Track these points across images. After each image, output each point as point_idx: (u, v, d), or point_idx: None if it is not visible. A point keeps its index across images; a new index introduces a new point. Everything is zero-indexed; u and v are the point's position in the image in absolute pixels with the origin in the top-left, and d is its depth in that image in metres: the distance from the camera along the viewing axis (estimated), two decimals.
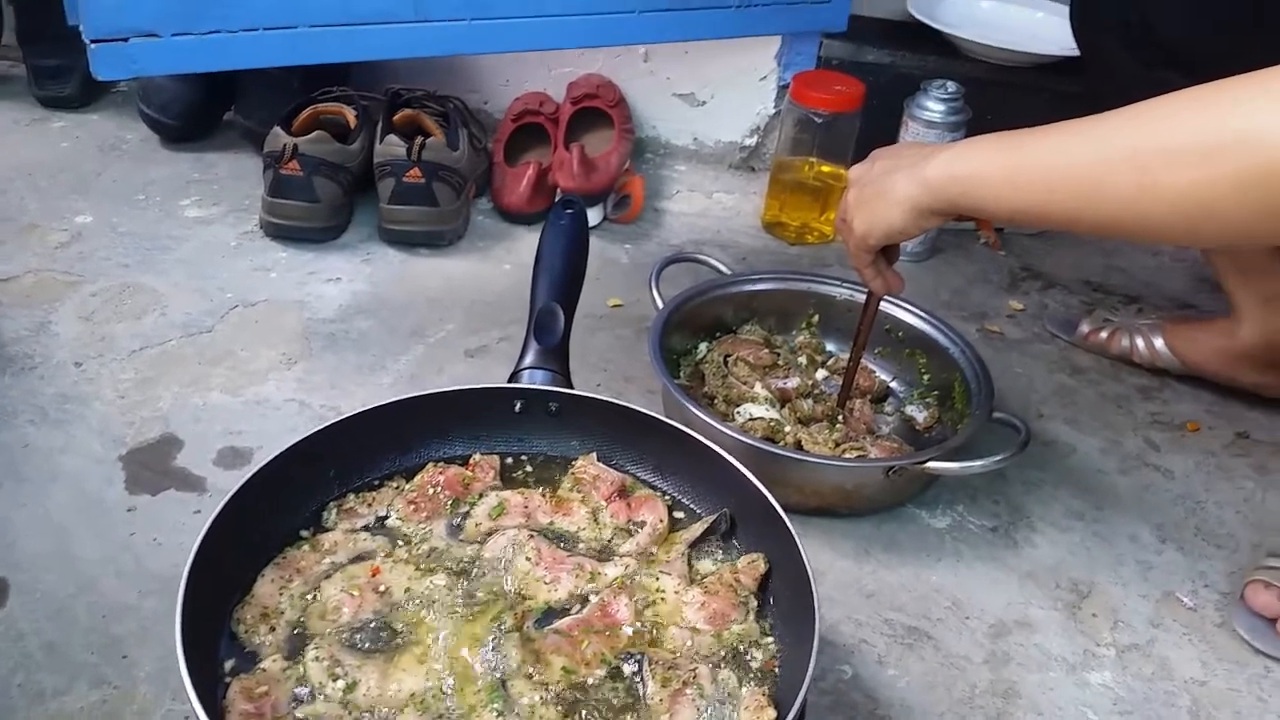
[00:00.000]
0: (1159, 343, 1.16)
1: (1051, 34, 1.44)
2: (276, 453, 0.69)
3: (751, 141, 1.52)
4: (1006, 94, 1.39)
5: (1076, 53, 1.20)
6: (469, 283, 1.23)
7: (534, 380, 0.80)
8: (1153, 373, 1.17)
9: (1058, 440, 1.07)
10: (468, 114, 1.39)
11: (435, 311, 1.17)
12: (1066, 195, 0.66)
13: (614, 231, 1.36)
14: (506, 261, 1.29)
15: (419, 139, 1.24)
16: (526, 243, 1.31)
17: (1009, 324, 1.26)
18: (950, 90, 1.29)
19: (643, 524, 0.72)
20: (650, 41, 1.41)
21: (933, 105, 1.29)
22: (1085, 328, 1.22)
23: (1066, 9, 1.47)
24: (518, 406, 0.78)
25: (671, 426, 0.76)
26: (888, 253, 0.86)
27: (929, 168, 0.74)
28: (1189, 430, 1.10)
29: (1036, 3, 1.53)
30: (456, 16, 1.17)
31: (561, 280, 0.86)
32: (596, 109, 1.45)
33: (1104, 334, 1.20)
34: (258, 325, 1.12)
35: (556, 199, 1.34)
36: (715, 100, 1.50)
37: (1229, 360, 1.12)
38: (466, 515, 0.72)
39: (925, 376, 1.06)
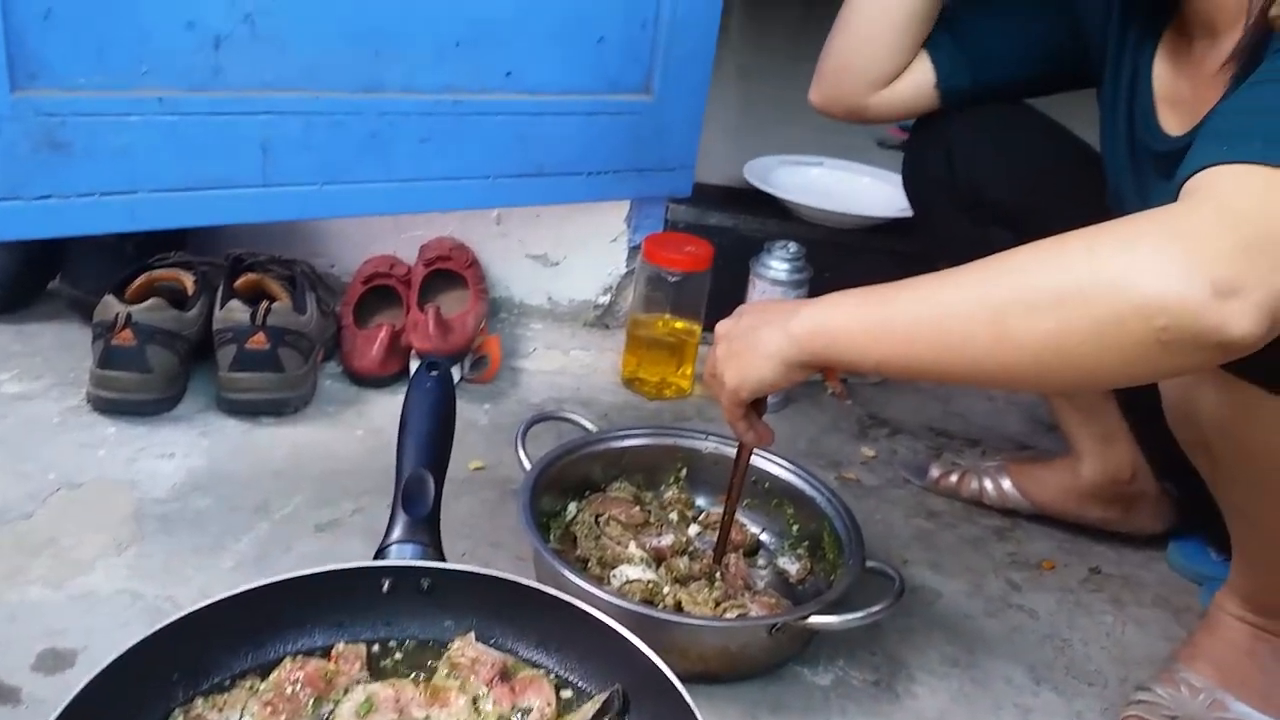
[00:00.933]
0: (1006, 484, 1.21)
1: (878, 198, 1.55)
2: (109, 659, 0.61)
3: (605, 300, 1.54)
4: (843, 253, 1.47)
5: (905, 214, 1.28)
6: (318, 452, 1.17)
7: (404, 555, 0.75)
8: (1004, 513, 1.21)
9: (924, 586, 1.08)
10: (315, 277, 1.36)
11: (281, 484, 1.10)
12: (928, 347, 0.69)
13: (472, 392, 1.33)
14: (358, 427, 1.23)
15: (265, 304, 1.19)
16: (379, 407, 1.27)
17: (863, 470, 1.28)
18: (792, 251, 1.35)
19: (529, 710, 0.67)
20: (503, 205, 1.43)
21: (776, 264, 1.35)
22: (935, 472, 1.26)
23: (891, 175, 1.60)
24: (385, 586, 0.73)
25: (554, 597, 0.72)
26: (757, 405, 0.87)
27: (796, 322, 0.76)
28: (1045, 569, 1.13)
29: (862, 170, 1.65)
30: (307, 181, 1.15)
31: (429, 445, 0.82)
32: (450, 271, 1.44)
33: (954, 477, 1.24)
34: (84, 508, 1.02)
35: (414, 361, 1.31)
36: (568, 261, 1.52)
37: (1073, 498, 1.17)
38: (331, 715, 0.66)
39: (794, 527, 1.06)
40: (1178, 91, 0.92)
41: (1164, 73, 0.94)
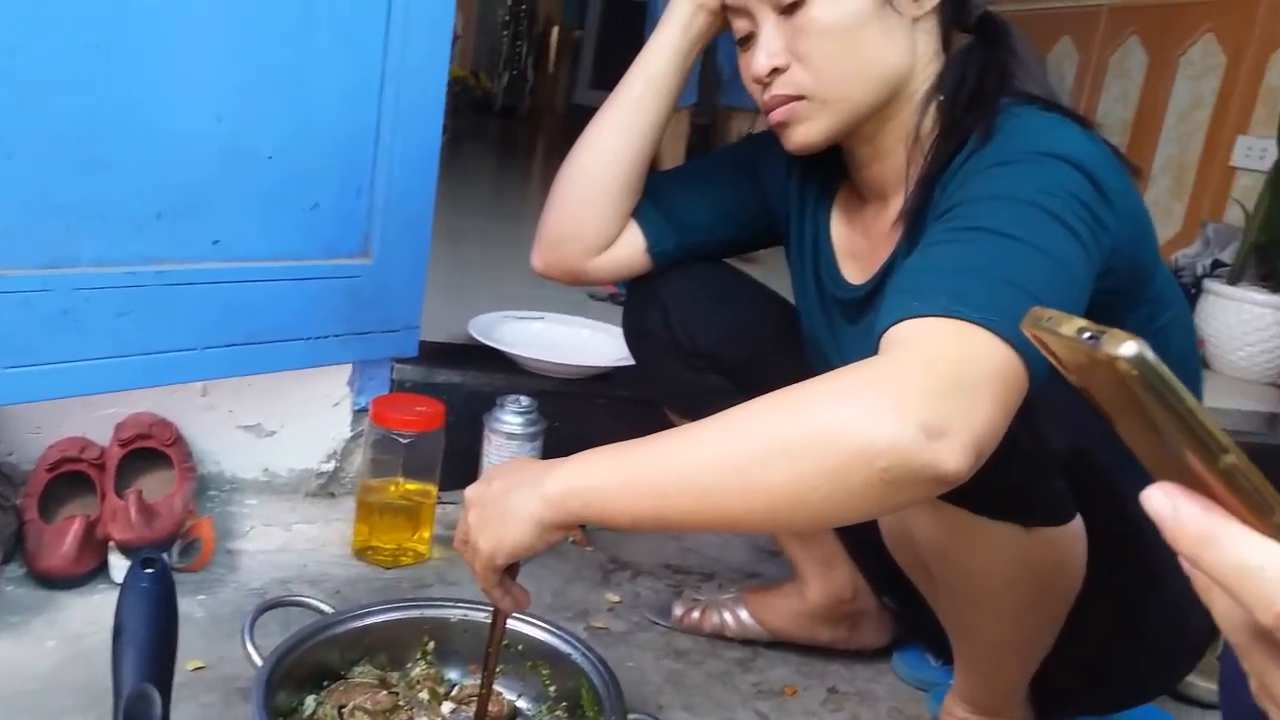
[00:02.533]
0: (744, 614, 1.26)
1: (601, 348, 1.61)
2: None
3: (329, 467, 1.48)
4: (571, 403, 1.51)
5: (627, 362, 1.34)
6: (2, 670, 1.02)
7: None
8: (745, 644, 1.26)
9: None
10: None
11: None
12: (678, 500, 0.72)
13: (184, 582, 1.20)
14: (49, 637, 1.08)
15: None
16: (74, 612, 1.13)
17: (611, 617, 1.29)
18: (524, 404, 1.37)
19: None
20: (211, 378, 1.35)
21: (510, 419, 1.36)
22: (678, 610, 1.29)
23: (607, 326, 1.67)
24: None
25: None
26: (511, 569, 0.86)
27: (549, 484, 0.76)
28: (788, 694, 1.18)
29: (582, 323, 1.71)
30: None
31: (152, 654, 0.75)
32: (151, 449, 1.33)
33: (696, 614, 1.28)
34: None
35: (113, 555, 1.18)
36: (285, 429, 1.45)
37: (804, 621, 1.24)
38: None
39: (551, 687, 1.04)
40: (854, 245, 1.04)
41: (841, 230, 1.06)
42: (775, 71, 0.92)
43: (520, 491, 0.78)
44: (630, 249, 1.11)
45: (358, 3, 1.24)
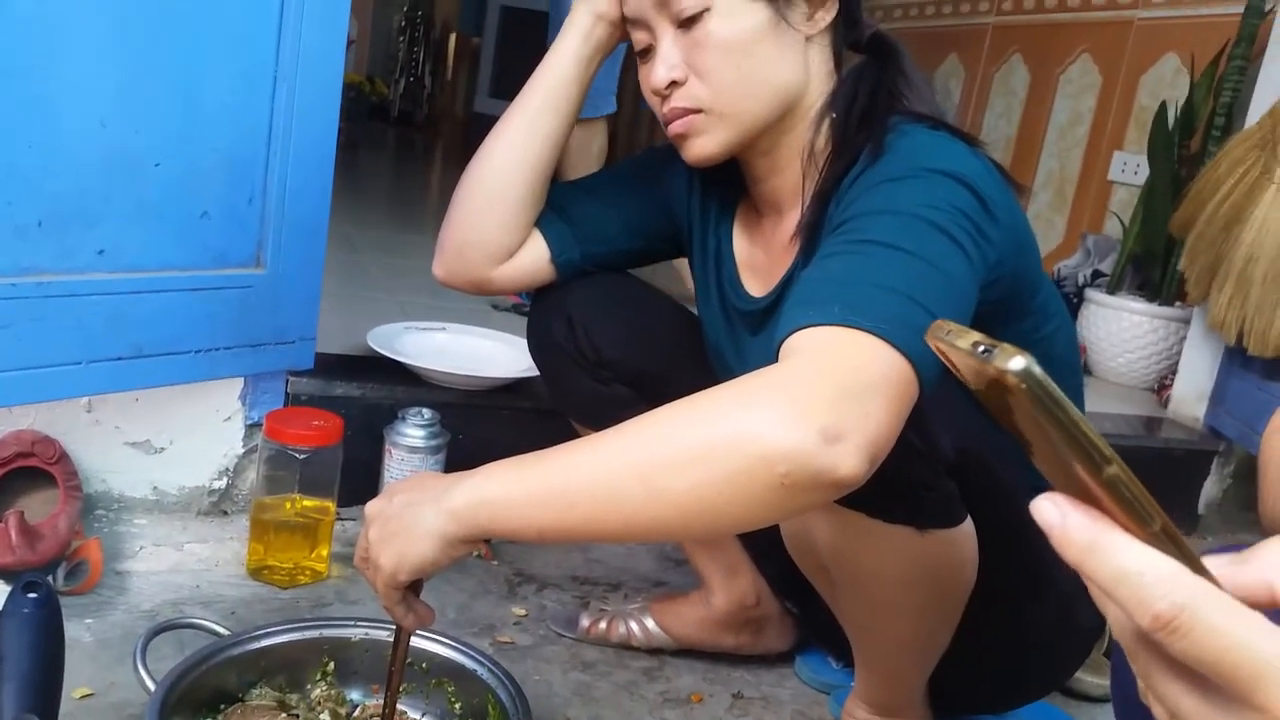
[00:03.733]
0: (650, 623, 1.27)
1: (505, 359, 1.60)
2: None
3: (221, 484, 1.43)
4: (475, 415, 1.50)
5: (530, 373, 1.34)
6: None
7: None
8: (651, 653, 1.26)
9: None
10: None
11: None
12: (585, 509, 0.72)
13: (71, 605, 1.15)
14: None
15: None
16: None
17: (517, 631, 1.28)
18: (426, 417, 1.35)
19: None
20: (97, 393, 1.29)
21: (412, 431, 1.34)
22: (585, 621, 1.29)
23: (510, 337, 1.66)
24: None
25: None
26: (414, 586, 0.85)
27: (454, 497, 0.76)
28: (694, 701, 1.19)
29: (485, 334, 1.70)
30: None
31: (35, 684, 0.71)
32: (33, 468, 1.26)
33: (603, 624, 1.28)
34: None
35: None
36: (175, 445, 1.40)
37: (708, 628, 1.25)
38: None
39: (456, 705, 1.02)
40: (754, 259, 1.06)
41: (741, 243, 1.08)
42: (673, 85, 0.93)
43: (423, 506, 0.77)
44: (534, 258, 1.11)
45: (248, 3, 1.21)
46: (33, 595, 0.75)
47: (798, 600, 1.25)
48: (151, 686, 0.89)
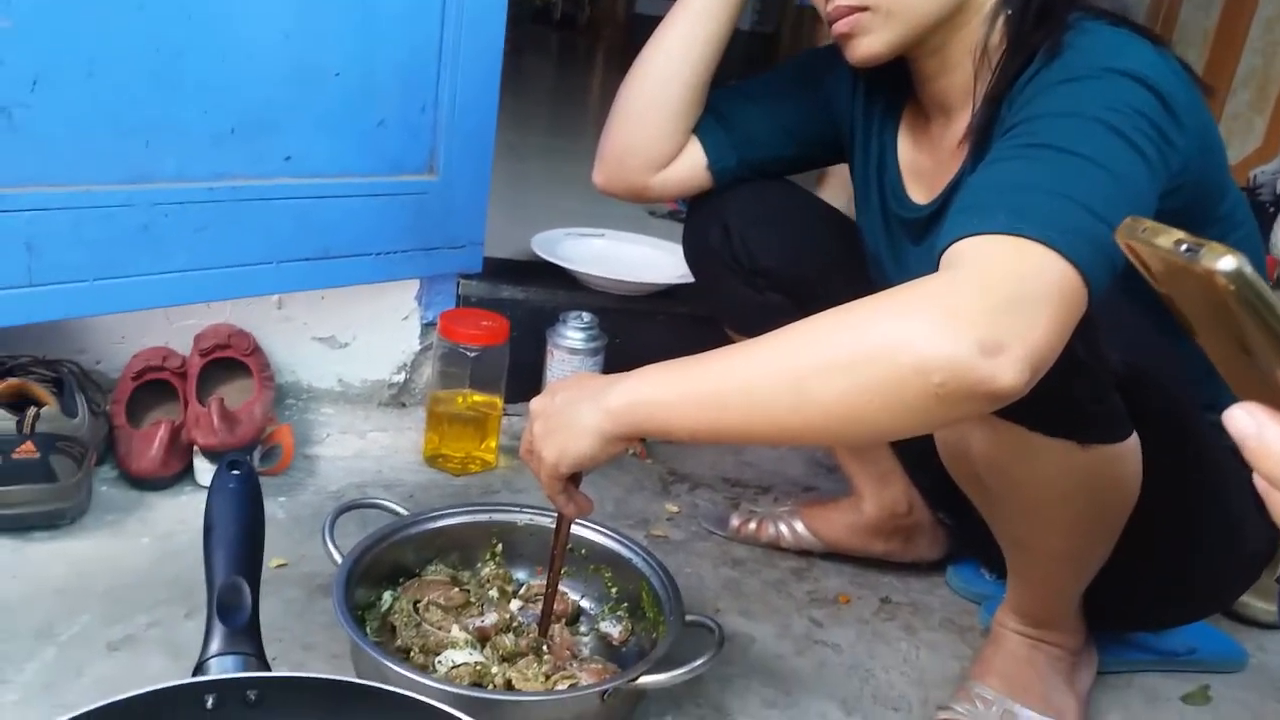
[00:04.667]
0: (799, 526, 1.29)
1: (661, 265, 1.63)
2: None
3: (400, 379, 1.53)
4: (631, 319, 1.53)
5: (687, 279, 1.36)
6: (101, 565, 1.09)
7: (225, 668, 0.71)
8: (800, 554, 1.29)
9: (738, 633, 1.13)
10: (84, 377, 1.27)
11: (64, 604, 1.02)
12: (737, 412, 0.74)
13: (265, 485, 1.23)
14: (143, 535, 1.16)
15: (31, 409, 1.11)
16: (163, 511, 1.19)
17: (669, 526, 1.33)
18: (586, 320, 1.40)
19: None
20: (287, 291, 1.39)
21: (572, 334, 1.39)
22: (735, 521, 1.32)
23: (666, 243, 1.68)
24: (210, 702, 0.69)
25: (387, 692, 0.71)
26: (574, 477, 0.90)
27: (611, 397, 0.79)
28: (842, 603, 1.21)
29: (642, 239, 1.72)
30: (75, 278, 1.08)
31: (241, 550, 0.79)
32: (230, 359, 1.38)
33: (752, 525, 1.31)
34: None
35: (198, 459, 1.24)
36: (358, 341, 1.50)
37: (858, 534, 1.27)
38: None
39: (613, 590, 1.09)
40: (920, 164, 1.04)
41: (906, 148, 1.05)
42: None
43: (583, 405, 0.81)
44: (691, 165, 1.11)
45: None
46: (236, 473, 0.83)
47: (951, 510, 1.24)
48: (338, 559, 0.98)
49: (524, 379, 1.44)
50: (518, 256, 1.64)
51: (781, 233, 1.14)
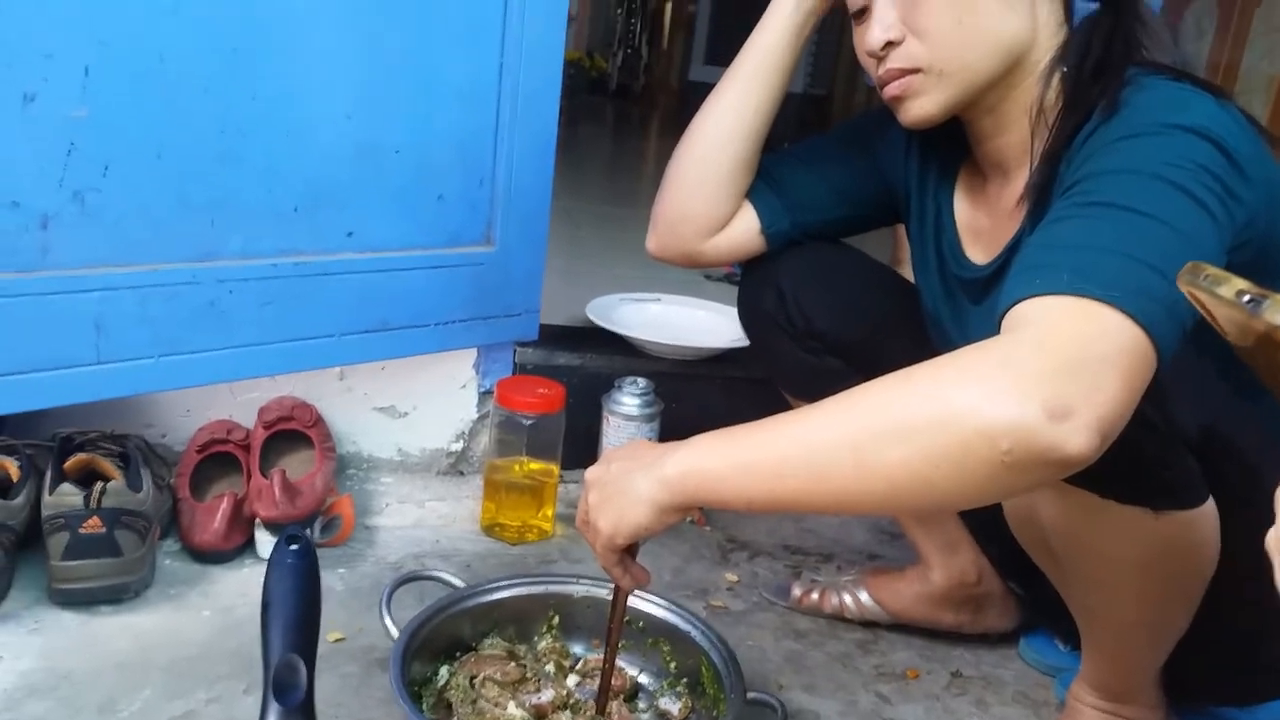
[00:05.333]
0: (864, 597, 1.25)
1: (717, 329, 1.62)
2: None
3: (458, 447, 1.53)
4: (687, 384, 1.52)
5: (741, 343, 1.35)
6: (163, 638, 1.10)
7: None
8: (865, 625, 1.25)
9: (802, 709, 1.10)
10: (148, 450, 1.30)
11: (127, 678, 1.02)
12: (795, 481, 0.72)
13: (324, 556, 1.26)
14: (205, 607, 1.16)
15: (98, 484, 1.13)
16: (226, 584, 1.20)
17: (729, 596, 1.31)
18: (641, 386, 1.39)
19: None
20: (348, 363, 1.41)
21: (628, 400, 1.38)
22: (797, 591, 1.29)
23: (722, 307, 1.68)
24: None
25: None
26: (630, 548, 0.88)
27: (667, 466, 0.78)
28: (910, 677, 1.17)
29: (697, 303, 1.72)
30: (142, 355, 1.11)
31: (298, 627, 0.79)
32: (293, 431, 1.40)
33: (815, 595, 1.28)
34: None
35: (259, 532, 1.25)
36: (417, 411, 1.51)
37: (927, 605, 1.23)
38: None
39: (671, 664, 1.06)
40: (978, 224, 1.02)
41: (964, 208, 1.04)
42: (889, 45, 0.90)
43: (638, 474, 0.80)
44: (745, 230, 1.11)
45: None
46: (294, 547, 0.84)
47: (1022, 579, 1.20)
48: (395, 633, 0.97)
49: (581, 446, 1.44)
50: (574, 323, 1.65)
51: (835, 295, 1.13)
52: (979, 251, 1.01)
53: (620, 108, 7.14)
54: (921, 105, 0.92)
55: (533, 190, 1.40)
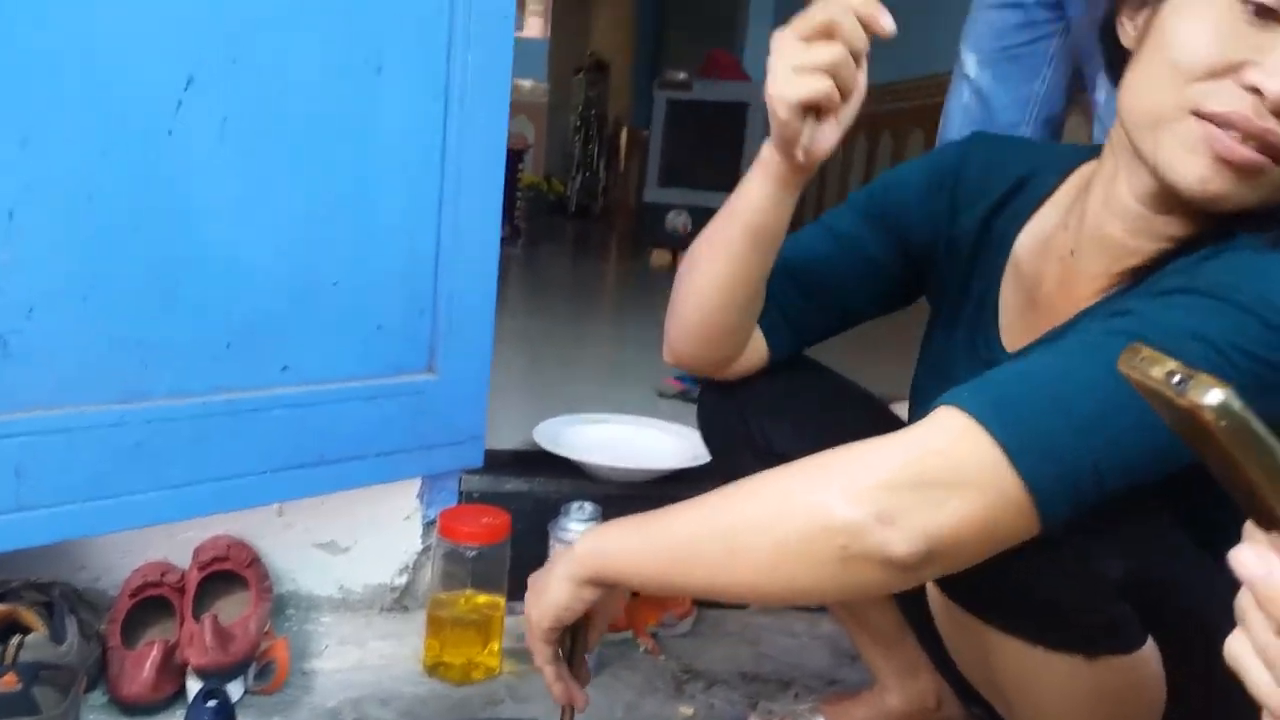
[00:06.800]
0: None
1: (666, 449, 1.60)
2: None
3: (402, 581, 1.49)
4: (638, 506, 1.44)
5: (694, 463, 1.33)
6: None
7: None
8: None
9: None
10: (76, 597, 1.24)
11: None
12: (682, 565, 0.78)
13: (259, 705, 1.22)
14: None
15: (16, 638, 1.08)
16: None
17: None
18: (589, 511, 1.37)
19: None
20: (285, 499, 1.38)
21: (574, 526, 1.35)
22: None
23: (673, 425, 1.67)
24: None
25: None
26: (574, 661, 0.90)
27: (578, 546, 0.85)
28: None
29: (647, 423, 1.71)
30: (66, 500, 1.07)
31: None
32: (228, 571, 1.35)
33: None
34: None
35: (191, 680, 1.19)
36: (359, 545, 1.47)
37: None
38: None
39: None
40: (1021, 308, 0.93)
41: (1009, 291, 0.95)
42: None
43: (559, 563, 0.86)
44: (756, 356, 1.05)
45: (413, 134, 1.29)
46: (211, 704, 0.80)
47: (986, 704, 1.16)
48: None
49: (528, 574, 1.39)
50: (522, 446, 1.62)
51: (798, 420, 1.09)
52: (1011, 337, 0.93)
53: (580, 227, 7.27)
54: (1242, 194, 0.73)
55: (475, 316, 1.40)
